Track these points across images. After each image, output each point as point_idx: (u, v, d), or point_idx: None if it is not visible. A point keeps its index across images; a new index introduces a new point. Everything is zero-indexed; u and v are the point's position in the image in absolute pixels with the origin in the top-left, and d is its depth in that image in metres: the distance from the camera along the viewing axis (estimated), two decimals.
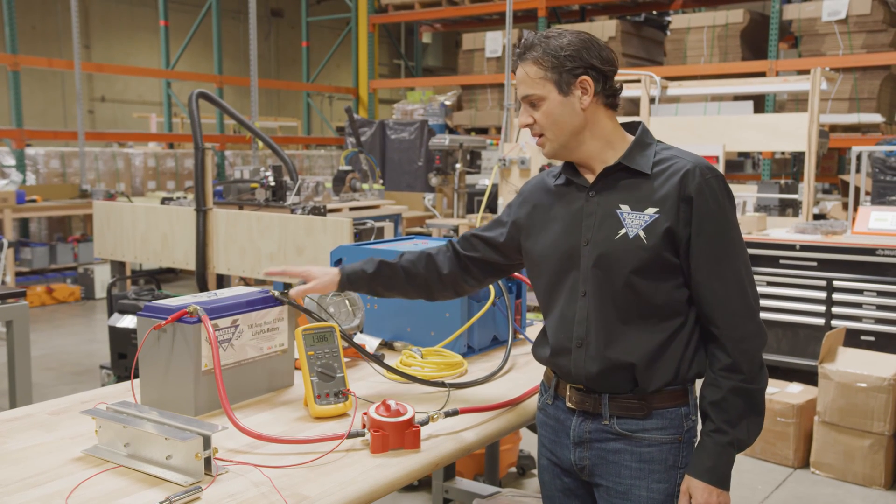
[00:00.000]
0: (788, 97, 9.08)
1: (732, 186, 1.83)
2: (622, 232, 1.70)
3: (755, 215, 5.73)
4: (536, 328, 2.81)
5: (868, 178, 6.18)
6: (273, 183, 6.30)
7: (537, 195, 1.89)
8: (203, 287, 4.62)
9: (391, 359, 2.30)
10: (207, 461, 1.54)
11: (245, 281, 6.43)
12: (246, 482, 1.53)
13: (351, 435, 1.70)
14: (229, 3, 15.31)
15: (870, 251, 4.89)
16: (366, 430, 1.72)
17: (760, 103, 9.03)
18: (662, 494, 1.75)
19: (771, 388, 4.31)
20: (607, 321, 1.72)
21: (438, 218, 7.23)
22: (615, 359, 1.72)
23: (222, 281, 5.11)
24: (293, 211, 5.92)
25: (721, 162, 6.11)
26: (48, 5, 15.30)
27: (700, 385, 1.77)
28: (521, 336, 2.65)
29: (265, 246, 4.43)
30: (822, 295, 5.06)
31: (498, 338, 2.58)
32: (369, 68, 13.03)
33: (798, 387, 4.45)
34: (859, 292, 4.93)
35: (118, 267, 5.65)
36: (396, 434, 1.71)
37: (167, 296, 3.74)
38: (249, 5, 10.47)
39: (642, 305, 1.71)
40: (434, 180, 7.14)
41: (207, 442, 1.53)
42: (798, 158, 9.23)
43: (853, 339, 4.81)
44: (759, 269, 5.21)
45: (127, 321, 4.56)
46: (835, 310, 5.02)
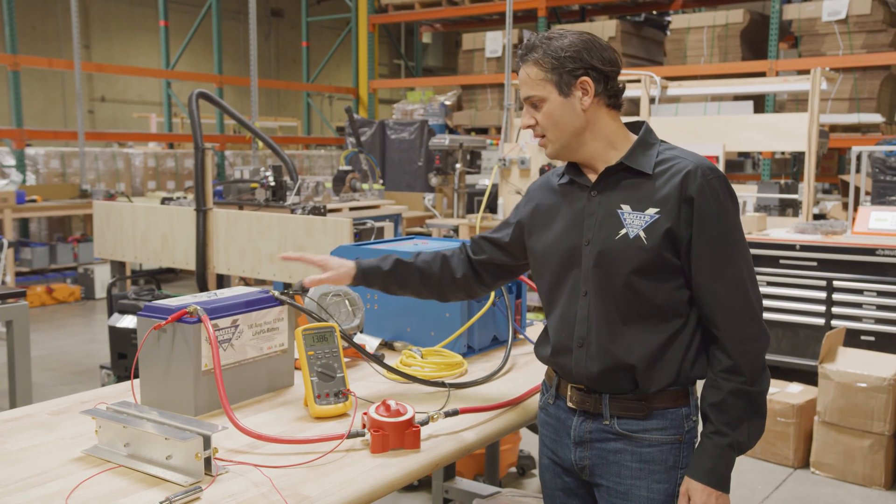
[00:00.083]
0: (788, 97, 9.07)
1: (733, 186, 1.82)
2: (622, 232, 1.70)
3: (755, 215, 5.73)
4: (536, 328, 2.81)
5: (868, 178, 6.17)
6: (273, 183, 6.30)
7: (541, 194, 1.90)
8: (203, 287, 4.62)
9: (391, 359, 2.30)
10: (207, 461, 1.54)
11: (245, 281, 6.43)
12: (246, 482, 1.53)
13: (351, 435, 1.70)
14: (229, 3, 15.30)
15: (870, 251, 4.89)
16: (366, 430, 1.72)
17: (760, 103, 9.03)
18: (662, 495, 1.75)
19: (771, 388, 4.28)
20: (608, 321, 1.72)
21: (438, 218, 7.23)
22: (616, 359, 1.72)
23: (222, 281, 5.11)
24: (293, 211, 5.92)
25: (721, 162, 6.11)
26: (48, 5, 15.30)
27: (701, 386, 1.77)
28: (521, 336, 2.65)
29: (265, 246, 4.42)
30: (822, 295, 5.06)
31: (498, 338, 2.58)
32: (369, 68, 13.03)
33: (798, 387, 4.45)
34: (859, 292, 4.93)
35: (118, 267, 5.65)
36: (396, 434, 1.71)
37: (167, 296, 3.74)
38: (249, 5, 10.47)
39: (643, 306, 1.70)
40: (434, 180, 7.14)
41: (207, 442, 1.53)
42: (798, 158, 9.23)
43: (853, 339, 4.81)
44: (759, 269, 5.21)
45: (127, 321, 4.56)
46: (835, 310, 5.02)
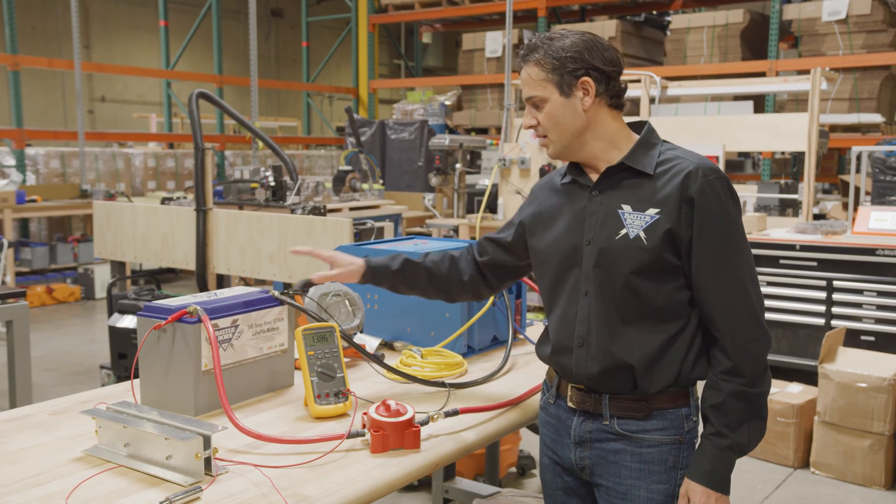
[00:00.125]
0: (788, 97, 9.07)
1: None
2: (623, 232, 1.70)
3: (755, 215, 5.73)
4: (536, 328, 2.81)
5: (868, 178, 6.17)
6: (273, 183, 6.30)
7: (544, 194, 1.91)
8: (203, 287, 4.62)
9: (391, 359, 2.30)
10: (207, 461, 1.54)
11: (245, 281, 6.43)
12: (246, 482, 1.53)
13: (351, 435, 1.70)
14: (229, 3, 15.30)
15: (870, 251, 4.89)
16: (366, 430, 1.72)
17: (760, 103, 9.03)
18: (662, 495, 1.75)
19: (771, 388, 4.30)
20: (608, 321, 1.72)
21: (438, 218, 7.23)
22: (615, 359, 1.72)
23: (222, 281, 5.11)
24: (293, 211, 5.92)
25: (721, 162, 6.11)
26: (48, 5, 15.30)
27: (702, 386, 1.77)
28: (521, 336, 2.65)
29: (265, 246, 4.42)
30: (822, 295, 5.06)
31: (498, 338, 2.58)
32: (369, 68, 13.03)
33: (798, 387, 4.45)
34: (859, 292, 4.93)
35: (118, 267, 5.65)
36: (396, 434, 1.71)
37: (167, 296, 3.74)
38: (249, 5, 10.47)
39: (643, 306, 1.70)
40: (434, 180, 7.14)
41: (207, 442, 1.53)
42: (798, 158, 9.22)
43: (853, 339, 4.81)
44: (759, 269, 5.20)
45: (127, 321, 4.56)
46: (835, 310, 5.02)
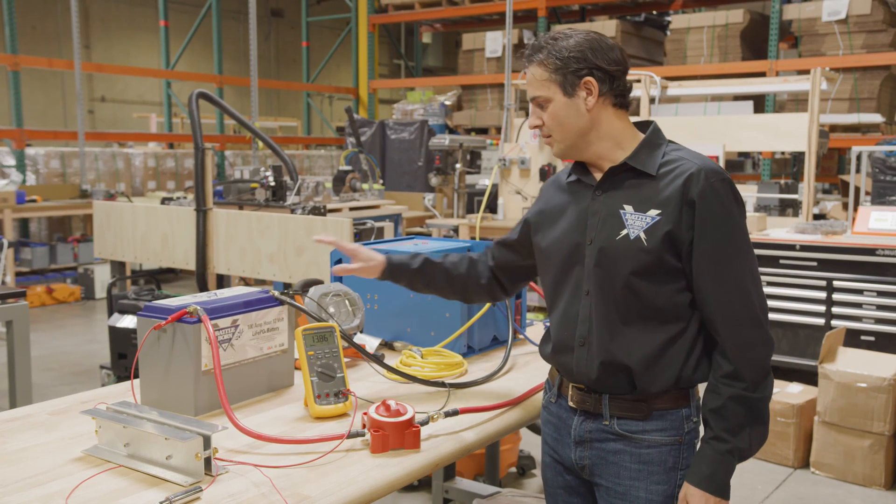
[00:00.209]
0: (788, 97, 9.07)
1: None
2: (623, 232, 1.70)
3: (755, 215, 5.73)
4: (537, 328, 2.81)
5: (868, 178, 6.17)
6: (273, 183, 6.30)
7: (550, 192, 1.91)
8: (203, 287, 4.62)
9: (391, 359, 2.30)
10: (207, 461, 1.54)
11: (245, 281, 6.43)
12: (246, 482, 1.53)
13: (351, 435, 1.70)
14: (229, 3, 15.30)
15: (870, 251, 4.89)
16: (366, 430, 1.72)
17: (760, 103, 9.03)
18: (661, 496, 1.75)
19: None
20: (608, 321, 1.72)
21: (438, 218, 7.23)
22: (614, 359, 1.72)
23: (222, 281, 5.11)
24: (293, 211, 5.92)
25: (721, 162, 6.11)
26: (48, 5, 15.30)
27: (703, 388, 1.77)
28: (521, 336, 2.65)
29: (265, 246, 4.42)
30: (822, 295, 5.05)
31: (498, 338, 2.58)
32: (369, 68, 13.03)
33: (798, 387, 4.45)
34: (859, 292, 4.93)
35: (118, 267, 5.65)
36: (396, 434, 1.71)
37: (167, 296, 3.74)
38: (249, 5, 10.47)
39: (643, 307, 1.70)
40: (434, 180, 7.14)
41: (207, 442, 1.53)
42: (798, 158, 9.22)
43: (853, 339, 4.81)
44: (760, 269, 5.18)
45: (127, 321, 4.56)
46: (835, 310, 5.02)
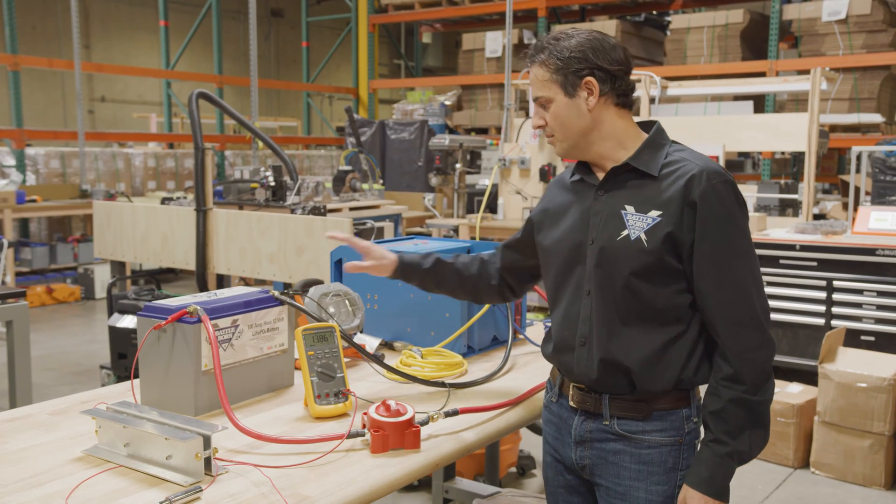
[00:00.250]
0: (788, 97, 9.07)
1: None
2: (624, 233, 1.69)
3: (755, 215, 5.73)
4: (537, 328, 2.81)
5: (868, 178, 6.17)
6: (273, 183, 6.30)
7: (554, 191, 1.92)
8: (203, 287, 4.61)
9: (391, 359, 2.30)
10: (207, 461, 1.54)
11: (245, 281, 6.43)
12: (246, 482, 1.53)
13: (351, 435, 1.70)
14: (229, 3, 15.30)
15: (870, 251, 4.89)
16: (366, 430, 1.72)
17: (760, 103, 9.02)
18: (661, 496, 1.75)
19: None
20: (608, 321, 1.72)
21: (438, 218, 7.23)
22: (613, 360, 1.72)
23: (222, 281, 5.10)
24: (293, 211, 5.92)
25: (721, 162, 6.11)
26: (48, 5, 15.30)
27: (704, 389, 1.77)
28: (521, 336, 2.65)
29: (265, 246, 4.42)
30: (822, 295, 5.05)
31: (498, 338, 2.58)
32: (369, 68, 13.03)
33: (798, 387, 4.45)
34: (859, 292, 4.93)
35: (118, 267, 5.65)
36: (396, 434, 1.71)
37: (167, 296, 3.74)
38: (249, 5, 10.47)
39: (643, 308, 1.70)
40: (434, 180, 7.14)
41: (207, 442, 1.53)
42: (798, 158, 9.22)
43: (853, 339, 4.81)
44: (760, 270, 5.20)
45: (127, 321, 4.56)
46: (835, 310, 5.02)
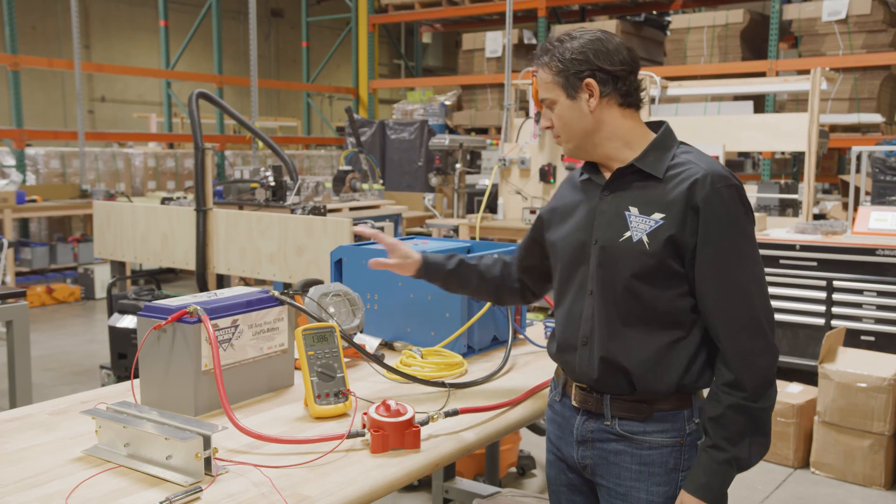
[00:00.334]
0: (788, 97, 9.07)
1: None
2: (627, 234, 1.69)
3: (755, 215, 5.73)
4: (537, 328, 2.81)
5: (868, 178, 6.17)
6: (273, 183, 6.30)
7: (565, 190, 1.92)
8: (203, 287, 4.62)
9: (391, 359, 2.30)
10: (207, 461, 1.54)
11: (245, 281, 6.43)
12: (246, 482, 1.53)
13: (351, 435, 1.70)
14: (229, 3, 15.30)
15: (870, 251, 4.89)
16: (366, 430, 1.72)
17: (760, 103, 9.02)
18: (662, 497, 1.74)
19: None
20: (609, 322, 1.72)
21: (438, 218, 7.23)
22: (613, 360, 1.72)
23: (222, 281, 5.11)
24: (293, 211, 5.92)
25: (721, 162, 6.09)
26: (48, 5, 15.30)
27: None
28: (521, 336, 2.65)
29: (265, 246, 4.42)
30: (822, 295, 5.05)
31: (498, 338, 2.58)
32: (369, 68, 13.03)
33: (798, 387, 4.45)
34: (859, 292, 4.93)
35: (118, 267, 5.65)
36: (396, 434, 1.71)
37: (167, 296, 3.74)
38: (249, 5, 10.47)
39: (644, 310, 1.69)
40: (434, 180, 7.14)
41: (207, 442, 1.53)
42: (798, 158, 9.22)
43: (853, 339, 4.80)
44: None
45: (127, 321, 4.56)
46: (835, 310, 5.02)
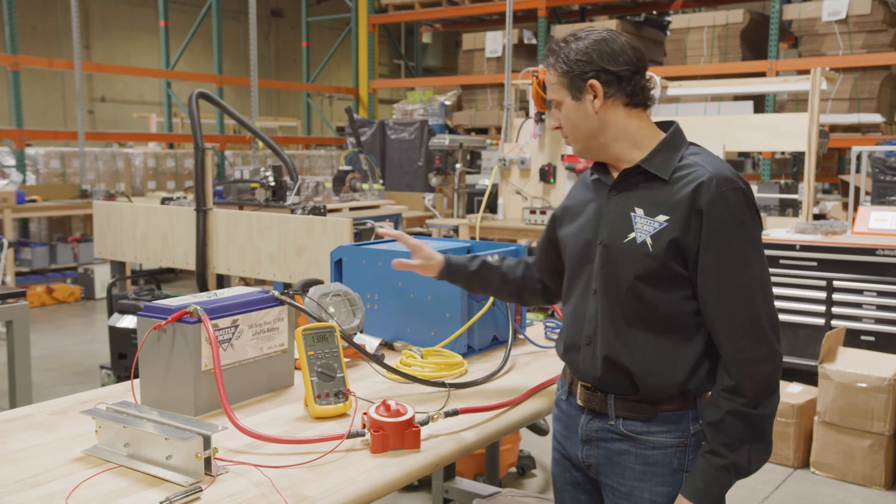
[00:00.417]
0: (788, 97, 9.07)
1: None
2: (631, 236, 1.69)
3: None
4: (537, 328, 2.81)
5: (868, 178, 6.17)
6: (273, 183, 6.30)
7: (577, 188, 1.93)
8: (203, 287, 4.62)
9: (391, 359, 2.30)
10: (207, 461, 1.54)
11: (245, 281, 6.43)
12: (246, 482, 1.53)
13: (351, 435, 1.70)
14: (229, 3, 15.30)
15: (870, 251, 4.88)
16: (366, 430, 1.72)
17: (760, 103, 9.02)
18: (666, 497, 1.74)
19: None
20: (613, 322, 1.72)
21: (438, 218, 7.23)
22: (616, 360, 1.72)
23: (222, 281, 5.11)
24: (293, 211, 5.92)
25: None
26: (48, 5, 15.30)
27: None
28: (521, 336, 2.65)
29: (265, 246, 4.42)
30: (822, 295, 5.05)
31: (498, 338, 2.58)
32: (369, 68, 13.03)
33: (798, 387, 4.45)
34: (859, 292, 4.93)
35: (118, 267, 5.65)
36: (396, 434, 1.71)
37: (167, 296, 3.74)
38: (249, 5, 10.47)
39: (647, 312, 1.69)
40: (434, 180, 7.14)
41: (207, 442, 1.53)
42: (798, 158, 9.22)
43: (853, 339, 4.80)
44: None
45: (127, 321, 4.56)
46: (835, 310, 5.02)
